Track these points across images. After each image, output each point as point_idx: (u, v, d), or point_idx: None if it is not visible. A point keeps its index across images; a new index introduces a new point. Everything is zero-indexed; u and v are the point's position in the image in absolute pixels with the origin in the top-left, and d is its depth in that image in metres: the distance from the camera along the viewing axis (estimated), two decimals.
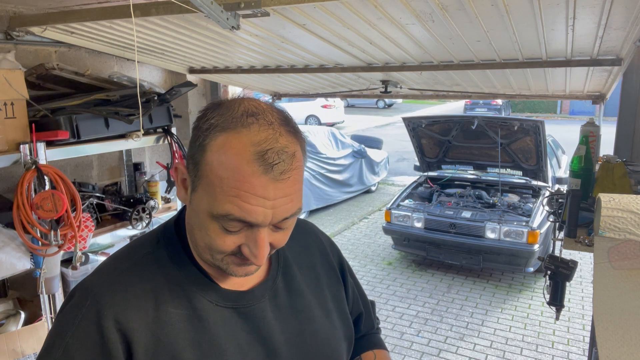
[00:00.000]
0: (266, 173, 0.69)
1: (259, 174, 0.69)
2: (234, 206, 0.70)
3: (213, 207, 0.71)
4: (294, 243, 0.96)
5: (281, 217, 0.74)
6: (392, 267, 5.83)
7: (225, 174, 0.70)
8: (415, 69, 2.66)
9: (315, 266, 1.00)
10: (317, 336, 0.91)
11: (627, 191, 1.91)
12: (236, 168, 0.69)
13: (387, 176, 10.16)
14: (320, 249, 1.05)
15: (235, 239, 0.74)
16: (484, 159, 5.97)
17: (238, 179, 0.69)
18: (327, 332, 0.93)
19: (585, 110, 20.32)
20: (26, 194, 1.89)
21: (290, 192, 0.73)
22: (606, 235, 1.01)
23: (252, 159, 0.69)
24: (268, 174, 0.70)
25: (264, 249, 0.74)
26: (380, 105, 24.33)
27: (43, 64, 2.19)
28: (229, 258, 0.76)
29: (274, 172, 0.70)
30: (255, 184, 0.69)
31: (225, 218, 0.71)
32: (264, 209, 0.70)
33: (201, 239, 0.77)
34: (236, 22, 1.71)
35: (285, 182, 0.72)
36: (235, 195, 0.70)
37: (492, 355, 3.99)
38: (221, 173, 0.70)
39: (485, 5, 1.63)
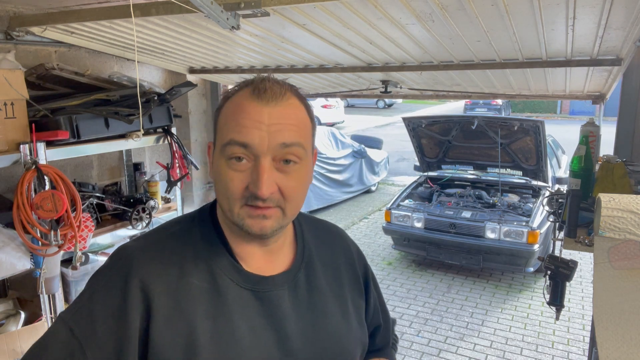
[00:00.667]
0: (259, 98, 0.81)
1: (252, 100, 0.81)
2: (234, 132, 0.80)
3: (221, 142, 0.82)
4: (321, 242, 1.03)
5: (277, 142, 0.79)
6: (392, 267, 5.83)
7: (229, 112, 0.83)
8: (415, 69, 2.67)
9: (339, 267, 1.03)
10: (330, 333, 0.93)
11: (627, 191, 1.91)
12: (237, 105, 0.82)
13: (387, 176, 10.17)
14: (347, 253, 1.07)
15: (242, 176, 0.80)
16: (484, 159, 5.98)
17: (237, 111, 0.82)
18: (340, 331, 0.95)
19: (585, 110, 20.32)
20: (26, 194, 1.89)
21: (286, 123, 0.81)
22: (606, 235, 1.01)
23: (248, 94, 0.82)
24: (261, 99, 0.81)
25: (264, 176, 0.79)
26: (380, 105, 24.33)
27: (43, 64, 2.19)
28: (243, 210, 0.81)
29: (266, 97, 0.81)
30: (250, 110, 0.80)
31: (229, 147, 0.80)
32: (259, 131, 0.79)
33: (221, 191, 0.83)
34: (236, 22, 1.71)
35: (278, 108, 0.81)
36: (235, 123, 0.81)
37: (492, 355, 3.99)
38: (227, 114, 0.83)
39: (485, 5, 1.63)
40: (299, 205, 0.88)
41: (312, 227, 1.05)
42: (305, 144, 0.85)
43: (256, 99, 0.81)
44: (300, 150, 0.83)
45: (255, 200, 0.80)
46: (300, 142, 0.83)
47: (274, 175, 0.81)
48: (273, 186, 0.80)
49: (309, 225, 1.05)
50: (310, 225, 1.06)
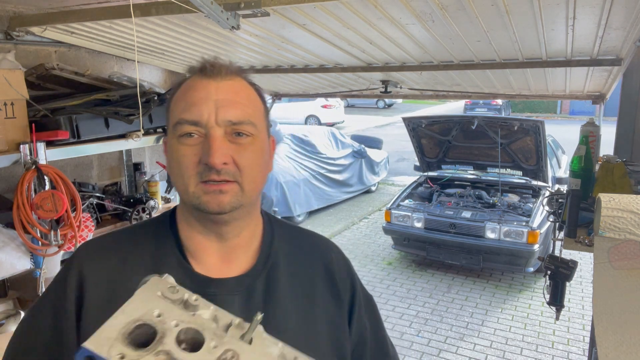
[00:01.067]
0: (207, 75, 0.81)
1: (201, 78, 0.82)
2: (184, 111, 0.80)
3: (172, 123, 0.81)
4: (295, 249, 0.94)
5: (226, 117, 0.79)
6: (392, 267, 5.83)
7: (179, 95, 0.83)
8: (415, 69, 2.67)
9: (313, 282, 0.92)
10: None
11: (627, 191, 1.91)
12: (186, 86, 0.83)
13: (387, 176, 10.16)
14: (328, 267, 0.95)
15: (194, 150, 0.78)
16: (484, 159, 5.98)
17: (186, 90, 0.82)
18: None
19: (585, 110, 20.31)
20: (26, 194, 1.89)
21: (236, 99, 0.81)
22: (606, 235, 1.01)
23: (197, 75, 0.82)
24: (209, 76, 0.81)
25: (215, 144, 0.77)
26: (380, 105, 24.33)
27: (43, 64, 2.19)
28: (198, 187, 0.79)
29: (214, 73, 0.81)
30: (198, 86, 0.81)
31: (179, 126, 0.79)
32: (207, 107, 0.78)
33: (174, 171, 0.81)
34: (236, 22, 1.71)
35: (226, 83, 0.81)
36: (184, 103, 0.80)
37: (492, 355, 3.99)
38: (177, 97, 0.83)
39: (485, 5, 1.63)
40: (256, 182, 0.84)
41: (287, 233, 0.97)
42: (257, 122, 0.83)
43: (205, 77, 0.81)
44: (251, 127, 0.82)
45: (209, 173, 0.77)
46: (251, 120, 0.82)
47: (227, 146, 0.79)
48: (226, 156, 0.78)
49: (284, 230, 0.97)
50: (286, 231, 0.97)
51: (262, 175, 0.86)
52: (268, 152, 0.89)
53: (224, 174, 0.78)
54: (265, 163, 0.86)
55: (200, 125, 0.78)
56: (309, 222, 7.51)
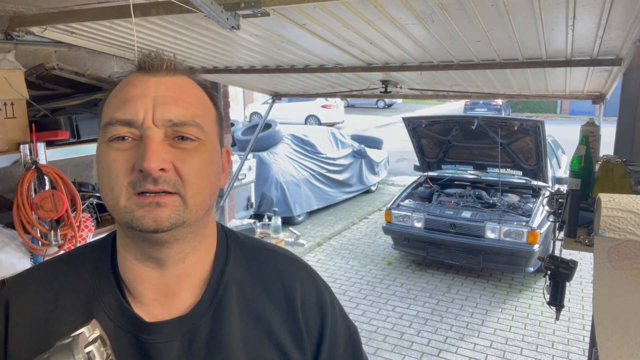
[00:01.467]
0: (145, 70, 0.70)
1: (138, 74, 0.70)
2: (116, 110, 0.67)
3: (102, 124, 0.69)
4: (252, 277, 0.78)
5: (166, 116, 0.66)
6: (392, 267, 5.83)
7: (112, 94, 0.71)
8: (415, 69, 2.67)
9: (270, 318, 0.76)
10: None
11: (627, 191, 1.91)
12: (121, 84, 0.71)
13: (387, 176, 10.16)
14: (290, 300, 0.78)
15: (126, 155, 0.66)
16: (484, 159, 5.98)
17: (120, 88, 0.70)
18: None
19: (585, 110, 20.32)
20: (26, 194, 1.89)
21: (179, 96, 0.69)
22: (606, 235, 1.01)
23: (135, 71, 0.71)
24: (148, 71, 0.70)
25: (151, 145, 0.64)
26: (380, 105, 24.33)
27: (43, 64, 2.19)
28: (131, 200, 0.65)
29: (154, 67, 0.69)
30: (135, 82, 0.69)
31: (109, 127, 0.67)
32: (143, 104, 0.66)
33: (103, 182, 0.68)
34: (236, 22, 1.71)
35: (168, 79, 0.70)
36: (117, 101, 0.69)
37: (492, 355, 3.99)
38: (110, 96, 0.71)
39: (485, 5, 1.63)
40: (202, 195, 0.69)
41: (247, 255, 0.81)
42: (205, 125, 0.70)
43: (143, 72, 0.70)
44: (197, 130, 0.69)
45: (144, 182, 0.64)
46: (196, 122, 0.69)
47: (166, 150, 0.66)
48: (165, 161, 0.65)
49: (244, 251, 0.81)
50: (245, 252, 0.81)
51: (210, 189, 0.71)
52: (219, 164, 0.75)
53: (162, 182, 0.64)
54: (214, 174, 0.72)
55: (135, 125, 0.66)
56: (309, 222, 7.51)
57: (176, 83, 0.70)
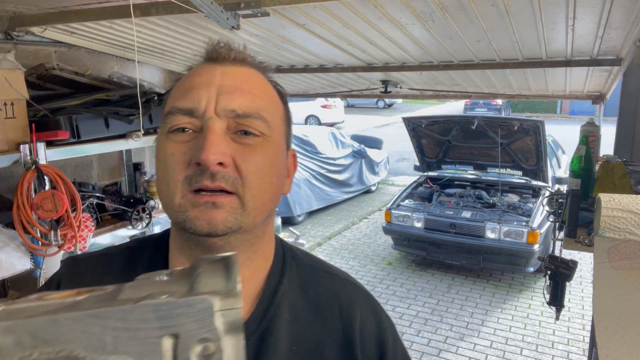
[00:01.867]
0: (213, 59, 0.66)
1: (205, 63, 0.67)
2: (177, 99, 0.64)
3: (163, 115, 0.66)
4: (307, 300, 0.71)
5: (229, 106, 0.61)
6: (392, 267, 5.83)
7: (176, 86, 0.68)
8: (415, 69, 2.67)
9: (323, 349, 0.68)
10: None
11: (627, 191, 1.90)
12: (187, 74, 0.67)
13: (387, 176, 10.16)
14: (348, 331, 0.70)
15: (184, 148, 0.61)
16: (484, 159, 5.98)
17: (185, 78, 0.67)
18: None
19: (585, 110, 20.31)
20: (26, 194, 1.89)
21: (245, 87, 0.64)
22: (606, 235, 1.01)
23: (201, 63, 0.68)
24: (215, 60, 0.66)
25: (211, 136, 0.59)
26: (380, 105, 24.33)
27: (43, 64, 2.19)
28: (186, 198, 0.60)
29: (221, 56, 0.66)
30: (200, 71, 0.65)
31: (169, 117, 0.63)
32: (207, 92, 0.62)
33: (160, 176, 0.64)
34: (236, 22, 1.71)
35: (235, 68, 0.65)
36: (180, 90, 0.65)
37: (492, 355, 3.99)
38: (174, 88, 0.68)
39: (485, 5, 1.63)
40: (263, 198, 0.63)
41: (303, 275, 0.74)
42: (271, 121, 0.65)
43: (210, 61, 0.66)
44: (262, 124, 0.63)
45: (200, 177, 0.59)
46: (262, 115, 0.63)
47: (227, 143, 0.60)
48: (225, 154, 0.59)
49: (301, 269, 0.74)
50: (302, 271, 0.74)
51: (272, 192, 0.65)
52: (284, 166, 0.69)
53: (220, 179, 0.59)
54: (278, 177, 0.66)
55: (196, 114, 0.61)
56: (309, 222, 7.51)
57: (243, 73, 0.66)
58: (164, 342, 0.33)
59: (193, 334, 0.34)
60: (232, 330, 0.35)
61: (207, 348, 0.34)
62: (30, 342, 0.32)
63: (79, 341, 0.32)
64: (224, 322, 0.35)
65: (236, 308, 0.35)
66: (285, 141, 0.70)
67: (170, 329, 0.34)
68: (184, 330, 0.34)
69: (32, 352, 0.32)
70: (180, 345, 0.33)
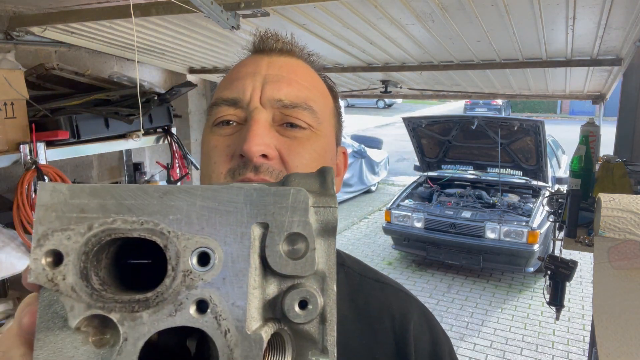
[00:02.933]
0: (260, 50, 0.65)
1: (253, 54, 0.66)
2: (223, 90, 0.62)
3: (209, 106, 0.65)
4: (357, 310, 0.67)
5: (275, 96, 0.59)
6: (392, 267, 5.83)
7: (224, 78, 0.66)
8: (415, 69, 2.67)
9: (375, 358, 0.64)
10: None
11: (627, 191, 1.91)
12: (233, 67, 0.66)
13: (387, 176, 10.16)
14: (401, 344, 0.66)
15: (228, 140, 0.59)
16: (484, 159, 5.98)
17: (232, 70, 0.65)
18: None
19: (585, 110, 20.32)
20: (26, 194, 1.89)
21: (292, 77, 0.61)
22: (606, 235, 1.01)
23: (249, 55, 0.66)
24: (262, 51, 0.65)
25: (255, 127, 0.57)
26: (380, 105, 24.33)
27: (43, 64, 2.19)
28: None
29: (269, 46, 0.64)
30: (247, 62, 0.64)
31: (215, 109, 0.62)
32: (251, 81, 0.60)
33: (203, 170, 0.63)
34: (236, 22, 1.71)
35: (283, 59, 0.64)
36: (227, 81, 0.64)
37: (492, 355, 3.98)
38: (221, 81, 0.66)
39: (485, 5, 1.63)
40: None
41: (354, 283, 0.69)
42: (320, 112, 0.62)
43: (257, 52, 0.65)
44: (310, 116, 0.60)
45: (244, 169, 0.56)
46: (310, 105, 0.60)
47: (272, 135, 0.58)
48: (269, 147, 0.57)
49: (350, 278, 0.70)
50: (351, 279, 0.70)
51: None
52: (333, 163, 0.66)
53: (265, 172, 0.56)
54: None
55: (240, 105, 0.59)
56: None
57: (290, 64, 0.63)
58: (252, 230, 0.30)
59: (284, 226, 0.30)
60: (325, 231, 0.32)
61: (298, 248, 0.31)
62: (115, 208, 0.30)
63: (165, 215, 0.30)
64: (318, 220, 0.32)
65: (332, 206, 0.32)
66: (335, 136, 0.67)
67: (260, 217, 0.30)
68: (275, 221, 0.30)
69: (116, 219, 0.30)
70: (269, 237, 0.30)
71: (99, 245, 0.30)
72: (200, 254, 0.30)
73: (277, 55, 0.64)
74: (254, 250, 0.30)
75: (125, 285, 0.32)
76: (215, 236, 0.30)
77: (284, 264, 0.30)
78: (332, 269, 0.32)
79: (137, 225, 0.30)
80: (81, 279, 0.29)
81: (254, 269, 0.30)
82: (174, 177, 2.70)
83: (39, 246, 0.29)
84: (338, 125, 0.68)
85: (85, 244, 0.29)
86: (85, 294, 0.29)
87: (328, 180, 0.35)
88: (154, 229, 0.30)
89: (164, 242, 0.29)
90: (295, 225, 0.31)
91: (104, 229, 0.30)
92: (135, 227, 0.30)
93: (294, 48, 0.66)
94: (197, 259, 0.30)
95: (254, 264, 0.30)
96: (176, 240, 0.30)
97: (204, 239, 0.30)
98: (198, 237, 0.30)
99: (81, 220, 0.30)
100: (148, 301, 0.29)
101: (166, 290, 0.29)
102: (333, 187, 0.34)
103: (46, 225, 0.29)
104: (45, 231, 0.29)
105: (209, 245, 0.30)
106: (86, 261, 0.29)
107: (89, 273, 0.29)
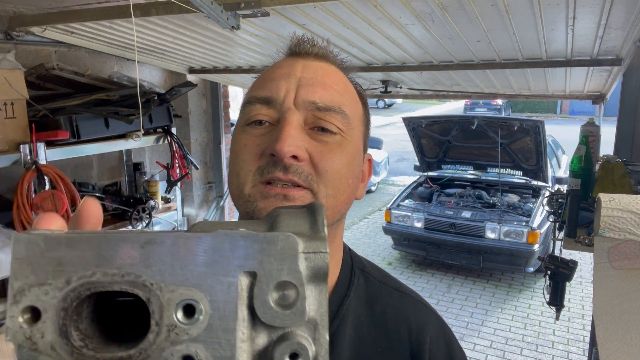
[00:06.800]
0: (295, 53, 0.66)
1: (288, 56, 0.67)
2: (257, 89, 0.63)
3: (242, 104, 0.65)
4: (373, 318, 0.66)
5: (309, 98, 0.59)
6: (392, 267, 5.83)
7: (257, 78, 0.67)
8: (415, 69, 2.67)
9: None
10: None
11: (627, 191, 1.91)
12: (267, 69, 0.67)
13: (387, 176, 10.17)
14: (417, 352, 0.67)
15: (258, 140, 0.59)
16: (484, 159, 5.98)
17: (267, 71, 0.66)
18: None
19: (585, 110, 20.31)
20: (26, 194, 1.89)
21: (326, 81, 0.62)
22: (606, 235, 1.01)
23: (285, 57, 0.67)
24: (297, 54, 0.66)
25: (287, 128, 0.56)
26: (380, 105, 24.33)
27: (43, 64, 2.19)
28: (257, 188, 0.58)
29: (304, 50, 0.65)
30: (282, 64, 0.65)
31: (247, 107, 0.62)
32: (286, 83, 0.60)
33: (231, 169, 0.62)
34: (236, 22, 1.71)
35: (317, 63, 0.65)
36: (260, 81, 0.64)
37: (492, 355, 3.99)
38: (255, 81, 0.67)
39: (485, 5, 1.63)
40: (338, 198, 0.60)
41: (371, 289, 0.69)
42: (352, 117, 0.62)
43: (293, 54, 0.66)
44: (342, 120, 0.61)
45: (273, 168, 0.56)
46: (343, 110, 0.61)
47: (304, 138, 0.58)
48: (300, 148, 0.56)
49: (369, 283, 0.70)
50: (370, 285, 0.70)
51: (347, 194, 0.62)
52: (360, 169, 0.66)
53: (294, 172, 0.56)
54: (354, 179, 0.63)
55: (274, 104, 0.59)
56: None
57: (325, 69, 0.64)
58: (240, 280, 0.29)
59: (273, 275, 0.29)
60: (316, 278, 0.30)
61: (287, 296, 0.29)
62: (94, 260, 0.28)
63: (147, 266, 0.29)
64: (308, 267, 0.30)
65: (323, 252, 0.31)
66: (362, 143, 0.67)
67: (248, 265, 0.29)
68: (264, 269, 0.29)
69: (95, 272, 0.28)
70: (258, 287, 0.29)
71: (78, 300, 0.28)
72: (185, 306, 0.29)
73: (312, 59, 0.65)
74: (241, 301, 0.29)
75: (112, 329, 0.31)
76: (200, 287, 0.29)
77: (273, 315, 0.29)
78: (324, 317, 0.31)
79: (118, 278, 0.28)
80: (60, 337, 0.28)
81: (242, 321, 0.29)
82: (174, 177, 2.70)
83: (15, 302, 0.28)
84: (366, 131, 0.69)
85: (64, 300, 0.28)
86: (65, 352, 0.28)
87: (319, 220, 0.33)
88: (135, 282, 0.28)
89: (147, 295, 0.28)
90: (285, 273, 0.29)
91: (82, 283, 0.28)
92: (115, 280, 0.28)
93: (329, 54, 0.67)
94: (182, 312, 0.28)
95: (242, 316, 0.29)
96: (159, 292, 0.28)
97: (189, 290, 0.29)
98: (183, 289, 0.29)
99: (59, 274, 0.28)
100: (131, 359, 0.28)
101: (149, 346, 0.28)
102: (324, 228, 0.33)
103: (22, 280, 0.28)
104: (22, 286, 0.28)
105: (195, 297, 0.29)
106: (65, 317, 0.28)
107: (69, 330, 0.28)
